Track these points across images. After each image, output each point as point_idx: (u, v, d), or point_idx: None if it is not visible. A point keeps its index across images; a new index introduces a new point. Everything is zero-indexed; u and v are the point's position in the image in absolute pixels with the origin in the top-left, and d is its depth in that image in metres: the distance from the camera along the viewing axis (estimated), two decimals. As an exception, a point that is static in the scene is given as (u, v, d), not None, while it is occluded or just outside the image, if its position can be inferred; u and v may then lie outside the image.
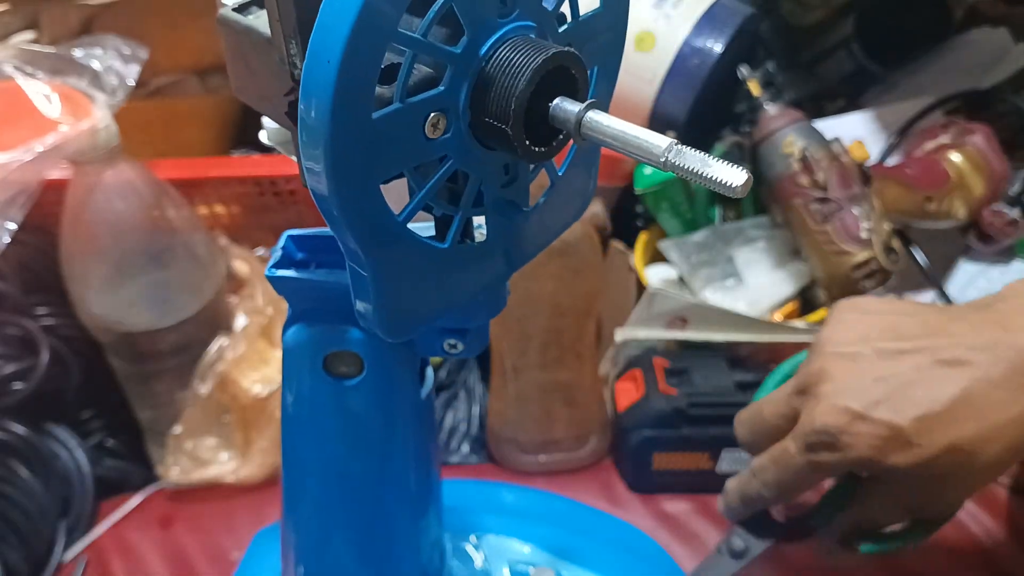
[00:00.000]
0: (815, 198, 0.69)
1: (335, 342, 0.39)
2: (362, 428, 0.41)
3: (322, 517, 0.45)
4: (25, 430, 0.62)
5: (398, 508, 0.45)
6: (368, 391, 0.40)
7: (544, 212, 0.36)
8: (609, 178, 0.80)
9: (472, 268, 0.33)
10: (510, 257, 0.36)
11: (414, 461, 0.44)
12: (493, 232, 0.33)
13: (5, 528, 0.60)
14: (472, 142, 0.29)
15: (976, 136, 0.75)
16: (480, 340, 0.41)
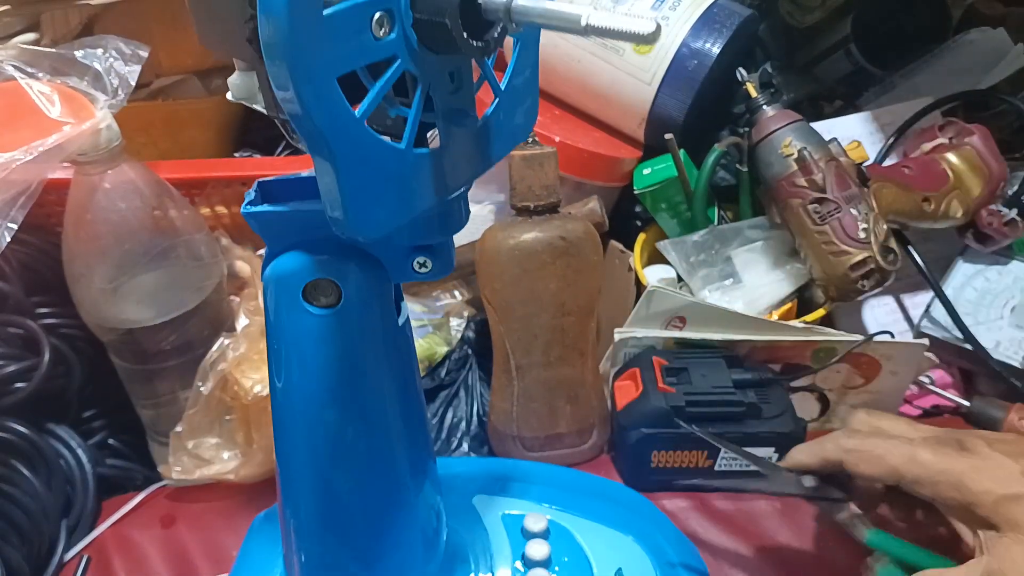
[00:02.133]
0: (813, 198, 0.70)
1: (313, 271, 0.40)
2: (344, 357, 0.42)
3: (314, 459, 0.45)
4: (27, 429, 0.62)
5: (388, 441, 0.45)
6: (348, 318, 0.41)
7: (492, 125, 0.38)
8: (608, 178, 0.81)
9: (429, 173, 0.36)
10: (464, 167, 0.38)
11: (398, 392, 0.45)
12: (446, 139, 0.36)
13: (7, 527, 0.60)
14: (417, 44, 0.32)
15: (974, 137, 0.76)
16: (446, 261, 0.42)
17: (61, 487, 0.64)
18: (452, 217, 0.41)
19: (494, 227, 0.68)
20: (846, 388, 0.72)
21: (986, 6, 0.91)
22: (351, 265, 0.40)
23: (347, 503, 0.46)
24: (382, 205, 0.34)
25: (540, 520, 0.55)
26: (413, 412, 0.47)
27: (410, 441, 0.47)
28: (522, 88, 0.39)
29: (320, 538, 0.47)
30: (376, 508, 0.46)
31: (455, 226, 0.41)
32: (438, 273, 0.42)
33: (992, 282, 0.76)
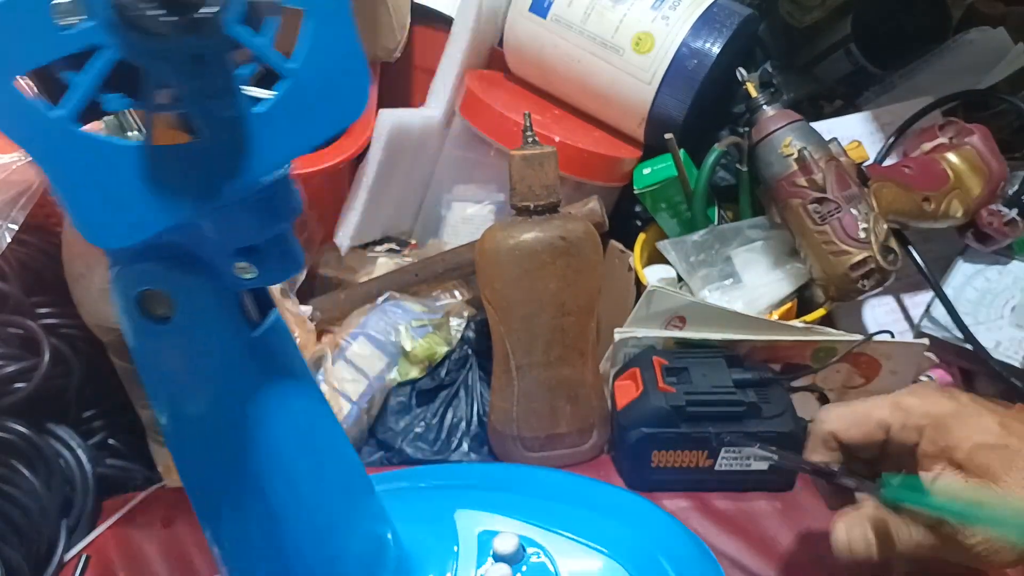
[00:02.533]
0: (813, 198, 0.70)
1: (142, 281, 0.38)
2: (195, 371, 0.40)
3: (196, 475, 0.44)
4: (27, 430, 0.62)
5: (270, 453, 0.42)
6: (184, 331, 0.38)
7: (282, 111, 0.33)
8: (608, 178, 0.81)
9: (189, 169, 0.32)
10: (247, 157, 0.33)
11: (277, 410, 0.42)
12: (209, 130, 0.32)
13: (7, 527, 0.60)
14: (129, 28, 0.28)
15: (974, 136, 0.76)
16: (277, 266, 0.38)
17: (61, 487, 0.64)
18: (265, 213, 0.36)
19: (494, 227, 0.68)
20: (846, 388, 0.72)
21: (986, 6, 0.91)
22: (178, 274, 0.37)
23: (235, 536, 0.44)
24: (123, 210, 0.31)
25: (510, 540, 0.52)
26: (313, 434, 0.44)
27: (312, 463, 0.44)
28: (328, 66, 0.34)
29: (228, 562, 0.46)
30: (258, 542, 0.44)
31: (272, 222, 0.37)
32: (268, 279, 0.38)
33: (992, 282, 0.76)
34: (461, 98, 0.82)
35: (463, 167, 0.84)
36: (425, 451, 0.71)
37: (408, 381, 0.73)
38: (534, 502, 0.58)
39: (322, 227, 0.81)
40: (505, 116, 0.77)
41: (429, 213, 0.87)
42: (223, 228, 0.36)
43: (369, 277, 0.81)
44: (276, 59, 0.32)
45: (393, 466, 0.71)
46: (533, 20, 0.81)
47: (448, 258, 0.78)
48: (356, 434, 0.72)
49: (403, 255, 0.84)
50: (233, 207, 0.35)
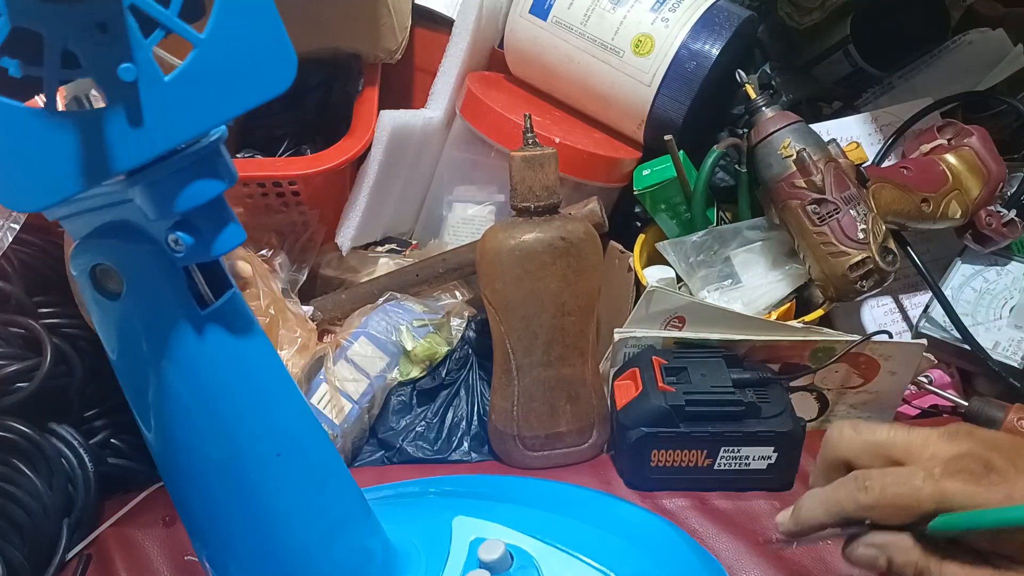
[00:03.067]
0: (812, 199, 0.70)
1: (93, 255, 0.38)
2: (148, 348, 0.40)
3: (164, 459, 0.44)
4: (29, 429, 0.63)
5: (232, 435, 0.42)
6: (133, 307, 0.39)
7: (195, 80, 0.34)
8: (608, 179, 0.81)
9: (97, 136, 0.33)
10: (162, 125, 0.34)
11: (234, 385, 0.41)
12: (113, 98, 0.32)
13: (9, 526, 0.60)
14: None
15: (973, 138, 0.76)
16: (207, 239, 0.38)
17: (62, 486, 0.64)
18: (190, 182, 0.36)
19: (494, 227, 0.68)
20: (845, 388, 0.73)
21: (985, 7, 0.91)
22: (125, 249, 0.38)
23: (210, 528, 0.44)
24: (30, 175, 0.32)
25: (495, 548, 0.50)
26: (288, 431, 0.44)
27: (279, 449, 0.43)
28: (243, 37, 0.35)
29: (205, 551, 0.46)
30: (234, 536, 0.44)
31: (196, 195, 0.36)
32: (200, 252, 0.38)
33: (991, 282, 0.77)
34: (462, 99, 0.82)
35: (464, 168, 0.85)
36: (426, 450, 0.71)
37: (409, 380, 0.74)
38: (536, 513, 0.58)
39: (323, 227, 0.81)
40: (505, 117, 0.78)
41: (430, 214, 0.88)
42: (150, 197, 0.36)
43: (370, 277, 0.81)
44: (181, 28, 0.33)
45: (394, 465, 0.71)
46: (533, 22, 0.81)
47: (449, 258, 0.78)
48: (357, 433, 0.72)
49: (404, 255, 0.84)
50: (157, 175, 0.35)
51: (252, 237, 0.78)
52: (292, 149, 0.84)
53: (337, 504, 0.47)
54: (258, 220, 0.79)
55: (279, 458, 0.43)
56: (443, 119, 0.84)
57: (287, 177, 0.75)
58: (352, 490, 0.48)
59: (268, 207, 0.78)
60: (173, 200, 0.36)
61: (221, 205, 0.38)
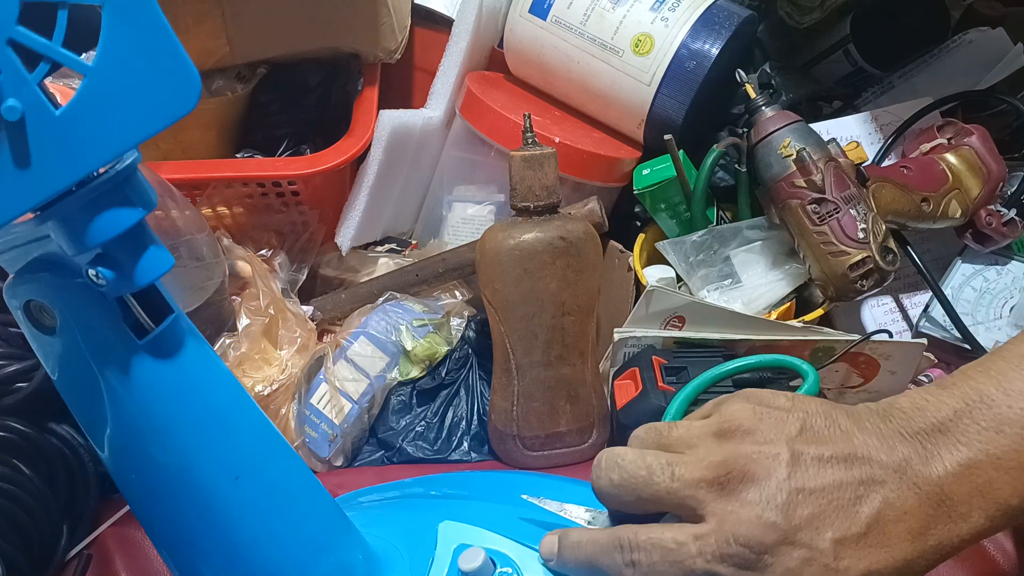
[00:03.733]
0: (812, 199, 0.70)
1: (24, 292, 0.38)
2: (86, 382, 0.39)
3: (124, 486, 0.43)
4: (28, 429, 0.63)
5: (187, 469, 0.41)
6: (69, 341, 0.38)
7: (91, 110, 0.33)
8: (608, 179, 0.81)
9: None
10: (59, 160, 0.32)
11: (177, 410, 0.40)
12: (2, 138, 0.31)
13: (8, 526, 0.60)
14: None
15: (973, 137, 0.76)
16: (128, 272, 0.36)
17: (62, 486, 0.64)
18: (97, 217, 0.35)
19: (494, 227, 0.68)
20: (845, 387, 0.73)
21: (985, 6, 0.91)
22: (53, 284, 0.37)
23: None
24: None
25: (475, 556, 0.49)
26: (245, 454, 0.43)
27: (247, 483, 0.42)
28: (137, 61, 0.33)
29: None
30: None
31: (110, 226, 0.35)
32: (124, 284, 0.36)
33: (991, 282, 0.77)
34: (461, 99, 0.82)
35: (463, 168, 0.85)
36: (425, 450, 0.71)
37: (409, 380, 0.74)
38: (527, 524, 0.55)
39: (323, 227, 0.81)
40: (505, 117, 0.78)
41: (429, 213, 0.88)
42: (64, 232, 0.35)
43: (370, 277, 0.81)
44: (67, 59, 0.31)
45: (394, 465, 0.71)
46: (533, 21, 0.81)
47: (448, 258, 0.78)
48: (357, 433, 0.72)
49: (404, 255, 0.84)
50: (67, 209, 0.34)
51: (252, 237, 0.78)
52: (292, 149, 0.84)
53: (309, 523, 0.46)
54: (258, 220, 0.79)
55: (237, 482, 0.42)
56: (443, 119, 0.84)
57: (287, 177, 0.75)
58: (325, 506, 0.47)
59: (268, 207, 0.78)
60: (86, 234, 0.35)
61: (140, 232, 0.37)
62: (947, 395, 0.40)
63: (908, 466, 0.39)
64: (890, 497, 0.39)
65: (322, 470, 0.70)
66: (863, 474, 0.39)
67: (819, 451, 0.40)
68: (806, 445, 0.40)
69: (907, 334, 0.78)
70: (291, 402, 0.71)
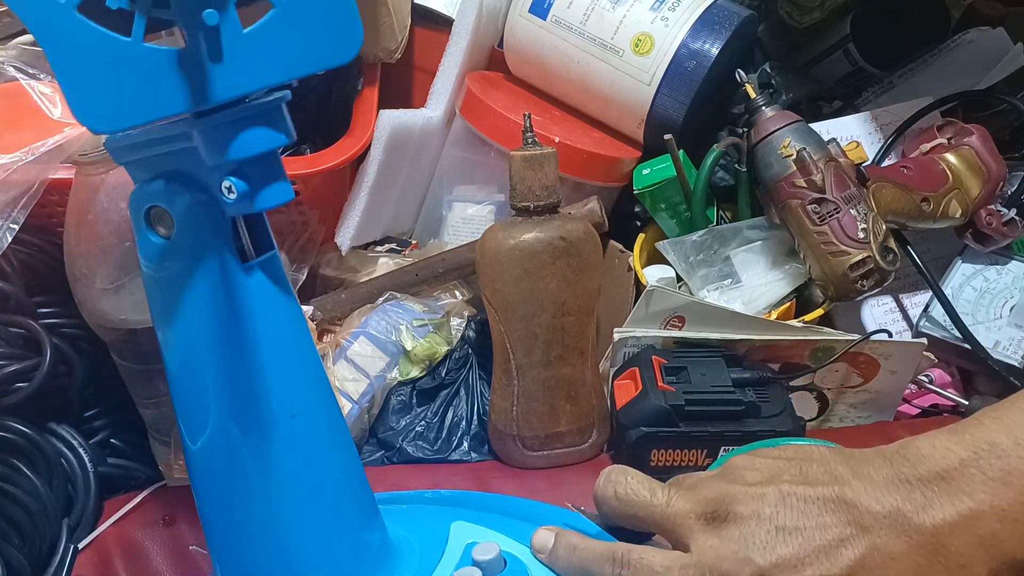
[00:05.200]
0: (812, 199, 0.70)
1: (148, 197, 0.41)
2: (181, 289, 0.42)
3: (182, 403, 0.46)
4: (29, 429, 0.63)
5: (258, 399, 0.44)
6: (180, 250, 0.41)
7: (272, 35, 0.37)
8: (608, 179, 0.81)
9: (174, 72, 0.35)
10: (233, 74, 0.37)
11: (258, 335, 0.43)
12: (195, 40, 0.35)
13: (8, 527, 0.60)
14: None
15: (973, 137, 0.76)
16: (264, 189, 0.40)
17: (62, 486, 0.64)
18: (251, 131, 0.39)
19: (494, 227, 0.68)
20: (845, 387, 0.73)
21: (985, 6, 0.91)
22: (177, 192, 0.41)
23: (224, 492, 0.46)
24: (109, 99, 0.34)
25: (489, 549, 0.50)
26: (305, 396, 0.45)
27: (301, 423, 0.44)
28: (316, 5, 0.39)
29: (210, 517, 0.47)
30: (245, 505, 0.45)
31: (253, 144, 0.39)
32: (251, 202, 0.40)
33: (991, 282, 0.77)
34: (461, 99, 0.82)
35: (463, 168, 0.85)
36: (425, 450, 0.71)
37: (409, 380, 0.74)
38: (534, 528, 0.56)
39: (323, 227, 0.81)
40: (505, 117, 0.78)
41: (430, 213, 0.88)
42: (211, 140, 0.38)
43: (370, 277, 0.81)
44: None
45: (394, 465, 0.71)
46: (533, 21, 0.81)
47: (448, 258, 0.78)
48: (357, 433, 0.72)
49: (404, 255, 0.84)
50: (222, 119, 0.38)
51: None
52: (291, 149, 0.84)
53: (342, 482, 0.48)
54: (258, 220, 0.78)
55: (293, 420, 0.44)
56: (443, 119, 0.84)
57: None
58: (357, 471, 0.49)
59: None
60: (234, 145, 0.38)
61: (275, 160, 0.40)
62: (956, 442, 0.40)
63: (899, 514, 0.39)
64: (876, 543, 0.39)
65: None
66: (849, 517, 0.40)
67: (806, 492, 0.41)
68: (795, 486, 0.41)
69: (907, 334, 0.78)
70: (291, 402, 0.71)
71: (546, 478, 0.68)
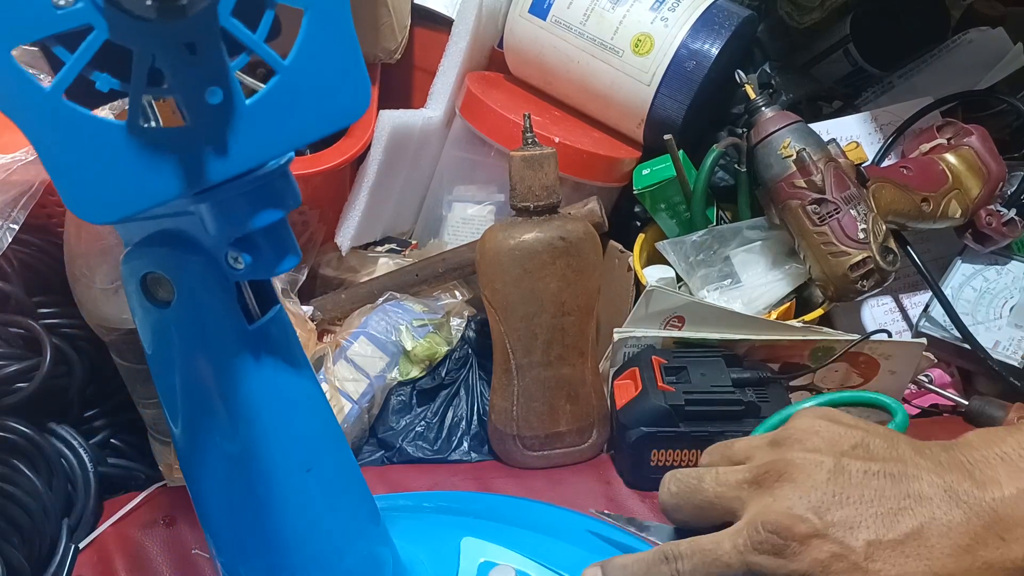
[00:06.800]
0: (812, 199, 0.70)
1: (146, 263, 0.39)
2: (192, 360, 0.40)
3: (190, 465, 0.44)
4: (29, 429, 0.63)
5: (266, 449, 0.42)
6: (182, 317, 0.39)
7: (275, 105, 0.35)
8: (608, 179, 0.81)
9: (173, 154, 0.33)
10: (236, 149, 0.34)
11: (272, 400, 0.42)
12: (195, 117, 0.33)
13: (8, 527, 0.60)
14: (116, 11, 0.29)
15: (972, 137, 0.76)
16: (268, 258, 0.38)
17: (62, 487, 0.64)
18: (258, 203, 0.37)
19: (494, 227, 0.68)
20: (844, 387, 0.73)
21: (985, 6, 0.91)
22: (178, 259, 0.38)
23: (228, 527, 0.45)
24: (104, 188, 0.32)
25: (506, 574, 0.50)
26: (312, 437, 0.44)
27: (307, 465, 0.43)
28: (323, 65, 0.35)
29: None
30: (254, 547, 0.44)
31: (264, 213, 0.37)
32: (258, 271, 0.38)
33: (991, 282, 0.77)
34: (461, 99, 0.82)
35: (463, 168, 0.85)
36: (425, 450, 0.71)
37: (409, 380, 0.74)
38: (544, 540, 0.57)
39: (323, 227, 0.81)
40: (505, 117, 0.78)
41: (429, 213, 0.88)
42: (216, 215, 0.36)
43: (370, 277, 0.81)
44: (267, 54, 0.33)
45: (394, 465, 0.71)
46: (533, 22, 0.81)
47: (448, 258, 0.78)
48: (357, 433, 0.72)
49: (404, 255, 0.84)
50: (226, 194, 0.36)
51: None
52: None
53: (354, 515, 0.47)
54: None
55: (309, 474, 0.43)
56: (443, 119, 0.84)
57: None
58: (367, 499, 0.48)
59: (268, 207, 0.78)
60: (238, 220, 0.37)
61: (283, 226, 0.39)
62: (1011, 432, 0.41)
63: (959, 487, 0.40)
64: (936, 513, 0.39)
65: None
66: (909, 489, 0.40)
67: (867, 466, 0.41)
68: (854, 460, 0.41)
69: (907, 334, 0.78)
70: (291, 402, 0.71)
71: (546, 478, 0.68)
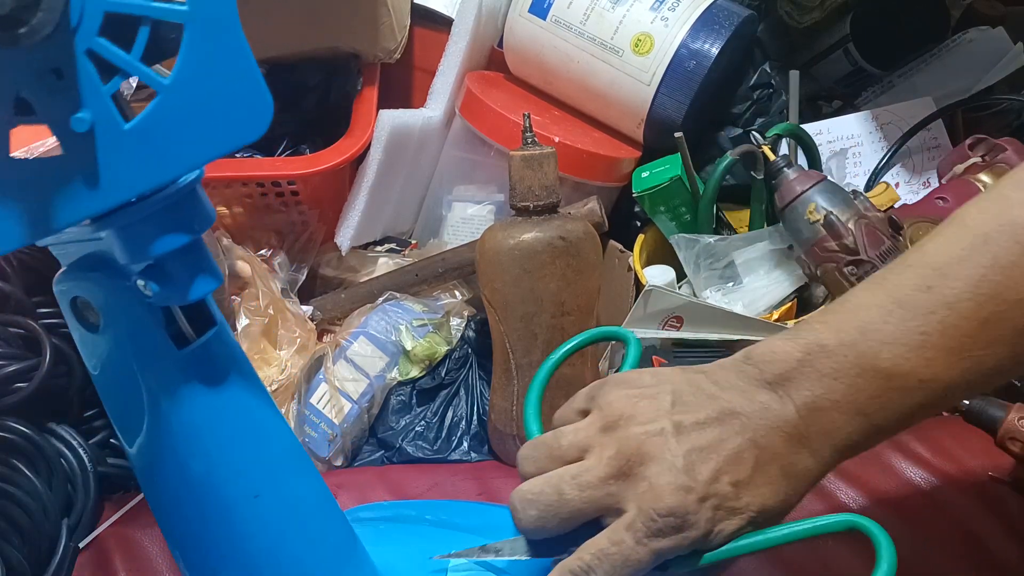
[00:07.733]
0: (847, 261, 0.68)
1: (72, 288, 0.38)
2: (124, 381, 0.39)
3: (145, 486, 0.44)
4: (28, 429, 0.63)
5: (213, 476, 0.41)
6: (110, 342, 0.38)
7: (160, 126, 0.32)
8: (607, 179, 0.81)
9: (60, 184, 0.31)
10: (114, 175, 0.32)
11: (210, 423, 0.40)
12: (70, 147, 0.31)
13: (8, 527, 0.60)
14: None
15: (1007, 152, 0.74)
16: (179, 286, 0.36)
17: (62, 486, 0.64)
18: (154, 231, 0.35)
19: (494, 227, 0.68)
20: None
21: (985, 6, 0.91)
22: (101, 285, 0.37)
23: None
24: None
25: None
26: (264, 462, 0.43)
27: (267, 501, 0.42)
28: (212, 81, 0.33)
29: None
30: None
31: (166, 242, 0.35)
32: (171, 297, 0.37)
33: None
34: (461, 99, 0.82)
35: (463, 167, 0.85)
36: (425, 450, 0.71)
37: (408, 380, 0.74)
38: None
39: (323, 227, 0.81)
40: (505, 117, 0.78)
41: (429, 213, 0.88)
42: (120, 240, 0.35)
43: (370, 277, 0.81)
44: (144, 73, 0.31)
45: (393, 465, 0.71)
46: (533, 21, 0.81)
47: (448, 258, 0.78)
48: (357, 433, 0.72)
49: (403, 255, 0.84)
50: (125, 219, 0.34)
51: (252, 237, 0.78)
52: (291, 149, 0.84)
53: (323, 542, 0.46)
54: (257, 220, 0.79)
55: (257, 500, 0.42)
56: (442, 119, 0.84)
57: (286, 177, 0.75)
58: (340, 526, 0.47)
59: (267, 207, 0.78)
60: (142, 246, 0.35)
61: (194, 249, 0.37)
62: (792, 344, 0.43)
63: (769, 411, 0.42)
64: (761, 442, 0.42)
65: (322, 470, 0.70)
66: (738, 425, 0.42)
67: (695, 417, 0.43)
68: (683, 415, 0.43)
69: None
70: (291, 402, 0.71)
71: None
